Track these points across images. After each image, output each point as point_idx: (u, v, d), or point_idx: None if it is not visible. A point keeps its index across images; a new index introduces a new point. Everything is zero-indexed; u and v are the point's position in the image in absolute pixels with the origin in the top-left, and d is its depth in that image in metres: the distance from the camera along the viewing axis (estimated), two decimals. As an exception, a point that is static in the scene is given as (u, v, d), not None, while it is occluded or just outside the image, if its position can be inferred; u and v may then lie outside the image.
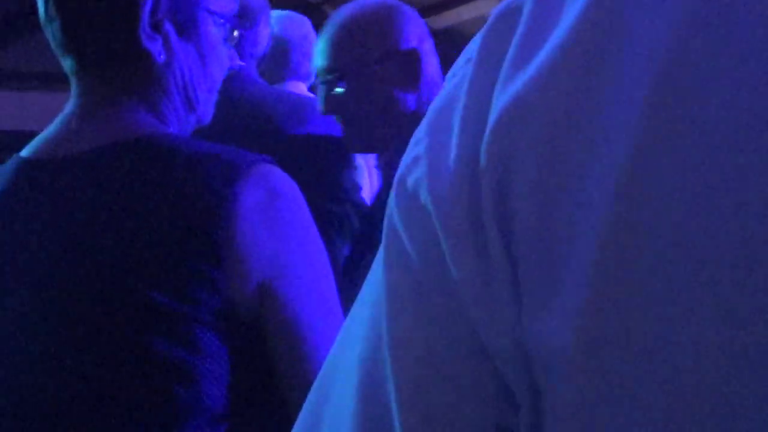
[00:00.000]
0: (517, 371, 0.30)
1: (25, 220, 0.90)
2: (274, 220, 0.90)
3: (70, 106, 0.97)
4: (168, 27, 0.98)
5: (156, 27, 0.97)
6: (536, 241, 0.29)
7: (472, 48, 0.35)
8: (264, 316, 0.89)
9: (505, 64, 0.31)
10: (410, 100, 1.43)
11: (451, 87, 0.35)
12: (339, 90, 1.46)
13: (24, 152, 0.96)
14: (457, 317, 0.31)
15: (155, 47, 0.96)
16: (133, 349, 0.84)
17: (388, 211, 0.35)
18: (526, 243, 0.29)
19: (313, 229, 0.95)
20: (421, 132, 0.35)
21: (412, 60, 1.43)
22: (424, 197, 0.33)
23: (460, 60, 0.36)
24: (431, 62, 1.48)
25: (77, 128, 0.94)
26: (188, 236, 0.85)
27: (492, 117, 0.31)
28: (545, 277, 0.28)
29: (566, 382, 0.27)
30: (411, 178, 0.34)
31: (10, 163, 0.96)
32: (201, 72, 1.02)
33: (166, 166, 0.88)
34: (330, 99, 1.47)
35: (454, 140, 0.32)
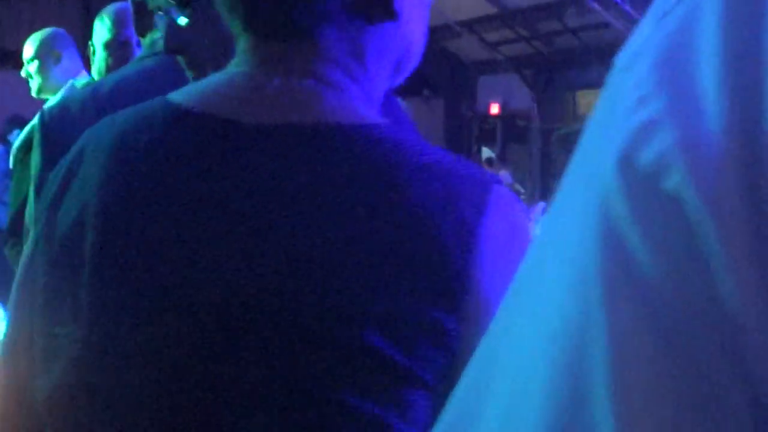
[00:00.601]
0: None
1: (194, 184, 0.66)
2: (513, 263, 0.63)
3: (249, 64, 0.72)
4: None
5: None
6: None
7: None
8: None
9: None
10: None
11: (674, 25, 0.25)
12: (182, 21, 1.05)
13: (181, 99, 0.71)
14: (728, 364, 0.22)
15: (398, 1, 0.71)
16: (326, 399, 0.61)
17: (596, 207, 0.24)
18: None
19: None
20: (643, 85, 0.25)
21: None
22: (677, 184, 0.22)
23: None
24: None
25: (272, 93, 0.69)
26: (424, 272, 0.63)
27: None
28: None
29: None
30: (646, 155, 0.23)
31: (160, 108, 0.71)
32: (421, 29, 0.78)
33: (397, 170, 0.65)
34: (172, 33, 1.06)
35: (712, 98, 0.23)
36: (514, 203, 0.70)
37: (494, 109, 11.44)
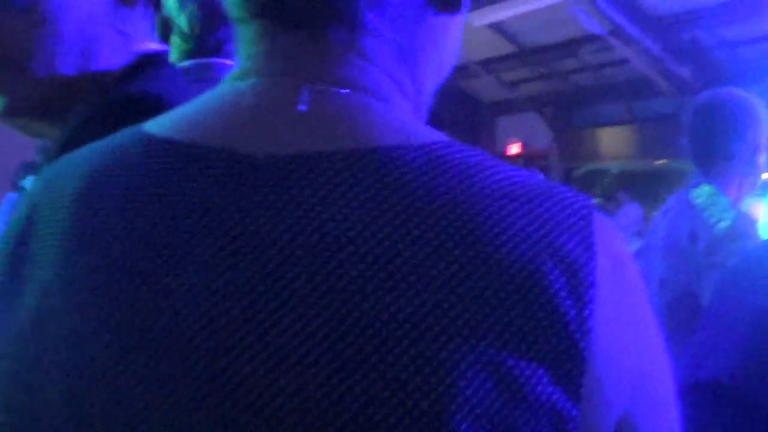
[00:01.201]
0: None
1: (193, 246, 0.48)
2: (628, 310, 0.51)
3: (260, 71, 0.54)
4: None
5: None
6: None
7: None
8: None
9: None
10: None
11: None
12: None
13: (162, 129, 0.53)
14: None
15: None
16: None
17: None
18: None
19: (654, 315, 0.54)
20: None
21: None
22: None
23: None
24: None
25: (294, 111, 0.52)
26: (525, 335, 0.46)
27: None
28: None
29: None
30: None
31: (134, 142, 0.53)
32: (460, 32, 0.63)
33: (474, 201, 0.49)
34: None
35: None
36: (617, 233, 0.53)
37: (513, 149, 11.37)
